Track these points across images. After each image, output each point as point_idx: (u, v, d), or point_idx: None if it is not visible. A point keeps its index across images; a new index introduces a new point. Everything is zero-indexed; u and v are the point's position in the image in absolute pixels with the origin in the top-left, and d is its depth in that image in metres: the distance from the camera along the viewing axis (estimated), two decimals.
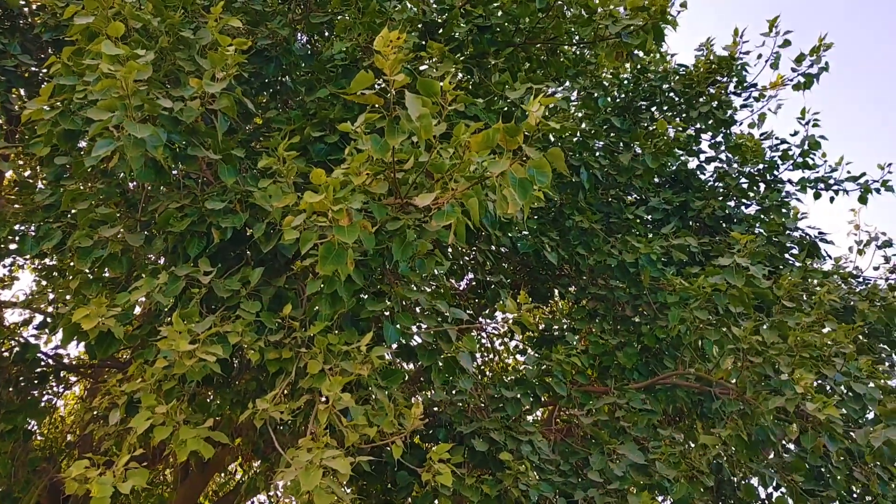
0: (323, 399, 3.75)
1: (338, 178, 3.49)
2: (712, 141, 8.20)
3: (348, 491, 6.79)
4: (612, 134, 7.16)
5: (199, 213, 4.51)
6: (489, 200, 3.35)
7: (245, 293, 4.33)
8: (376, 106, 3.72)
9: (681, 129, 6.63)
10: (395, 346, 4.50)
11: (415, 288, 4.34)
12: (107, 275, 4.96)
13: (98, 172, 5.11)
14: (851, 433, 4.68)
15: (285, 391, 4.09)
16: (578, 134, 6.63)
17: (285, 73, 6.14)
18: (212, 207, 4.39)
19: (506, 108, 5.77)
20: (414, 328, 4.47)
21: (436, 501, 5.68)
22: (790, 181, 7.96)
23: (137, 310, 5.63)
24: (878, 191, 7.89)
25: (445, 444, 3.95)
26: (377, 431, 3.82)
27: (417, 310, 4.57)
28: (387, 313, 4.37)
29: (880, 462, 4.73)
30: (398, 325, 4.21)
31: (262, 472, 7.60)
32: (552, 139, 7.12)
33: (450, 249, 6.84)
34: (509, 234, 6.17)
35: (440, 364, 4.35)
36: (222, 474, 9.40)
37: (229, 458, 7.39)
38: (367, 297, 4.30)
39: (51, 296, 7.05)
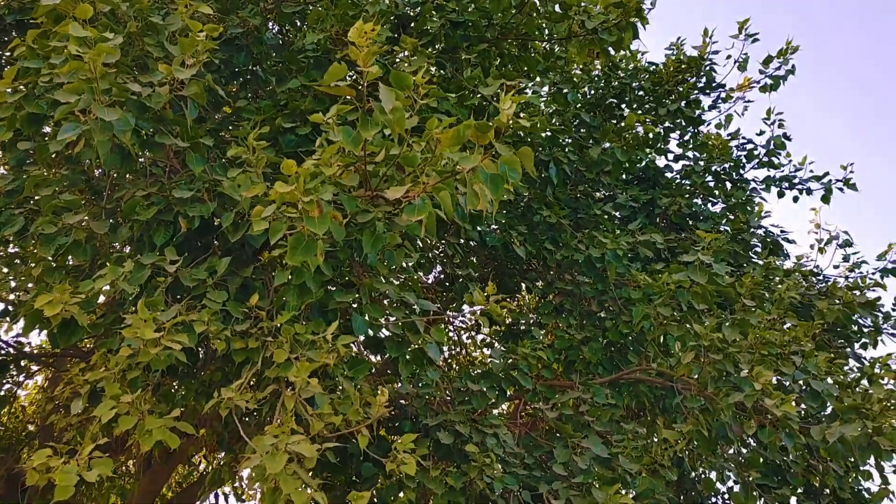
0: (289, 387, 3.75)
1: (309, 168, 3.48)
2: (680, 140, 8.31)
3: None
4: (581, 130, 7.23)
5: (165, 202, 4.47)
6: (460, 195, 3.36)
7: (212, 283, 4.30)
8: (349, 98, 3.72)
9: (650, 122, 6.70)
10: (363, 337, 4.51)
11: (383, 280, 4.34)
12: (70, 262, 4.89)
13: (63, 158, 5.03)
14: (808, 429, 4.79)
15: (251, 381, 4.08)
16: (548, 130, 6.68)
17: (256, 62, 6.09)
18: (179, 196, 4.35)
19: (478, 104, 5.79)
20: (382, 320, 4.47)
21: (401, 494, 5.71)
22: (755, 180, 8.10)
23: (102, 298, 5.56)
24: (841, 190, 8.06)
25: (411, 434, 3.97)
26: (343, 420, 3.83)
27: (386, 301, 4.58)
28: (355, 305, 4.38)
29: (834, 458, 4.85)
30: (366, 317, 4.22)
31: (226, 464, 7.55)
32: (521, 135, 7.16)
33: (419, 242, 6.85)
34: (478, 228, 6.20)
35: (408, 356, 4.37)
36: (186, 465, 9.32)
37: (193, 449, 7.34)
38: (335, 288, 4.30)
39: (12, 283, 6.93)
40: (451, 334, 8.43)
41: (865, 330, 8.15)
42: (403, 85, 3.38)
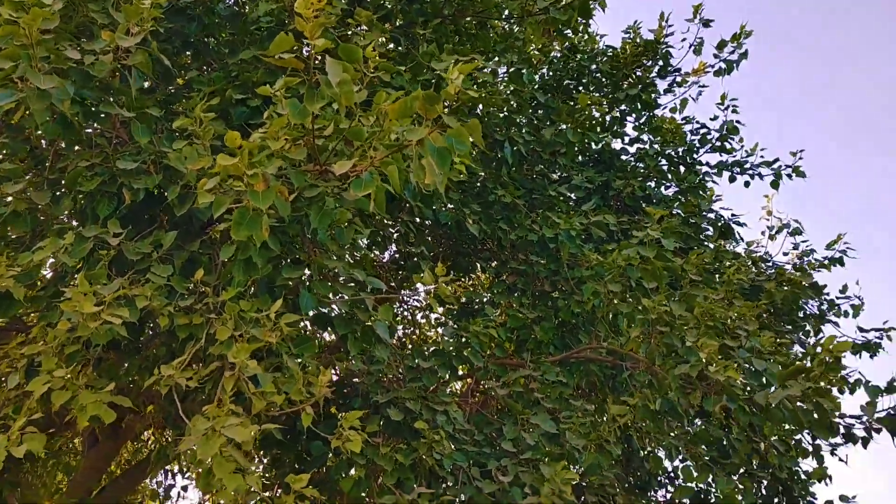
0: (232, 365, 3.70)
1: (255, 141, 3.42)
2: (636, 123, 8.37)
3: (264, 462, 6.74)
4: (539, 111, 7.23)
5: (110, 173, 4.35)
6: (409, 171, 3.33)
7: (156, 256, 4.22)
8: (296, 70, 3.65)
9: (602, 104, 6.73)
10: (312, 313, 4.47)
11: (333, 257, 4.30)
12: (10, 234, 4.76)
13: (3, 126, 4.87)
14: (752, 396, 4.88)
15: (198, 358, 4.03)
16: (505, 109, 6.67)
17: (208, 33, 5.95)
18: (124, 167, 4.24)
19: (433, 80, 5.75)
20: (332, 297, 4.44)
21: (352, 471, 5.72)
22: (708, 164, 8.20)
23: (49, 272, 5.42)
24: (789, 176, 8.19)
25: (357, 412, 3.96)
26: (285, 400, 3.80)
27: (335, 279, 4.54)
28: (304, 281, 4.34)
29: (775, 424, 4.96)
30: (315, 294, 4.18)
31: (172, 441, 7.47)
32: (479, 113, 7.14)
33: (375, 220, 6.81)
34: (433, 207, 6.18)
35: (357, 334, 4.34)
36: (135, 443, 9.20)
37: (140, 426, 7.24)
38: (283, 264, 4.25)
39: None
40: (405, 313, 8.43)
41: (811, 317, 8.37)
42: (352, 58, 3.33)
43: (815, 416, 4.88)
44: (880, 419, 5.43)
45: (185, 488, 7.16)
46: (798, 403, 4.87)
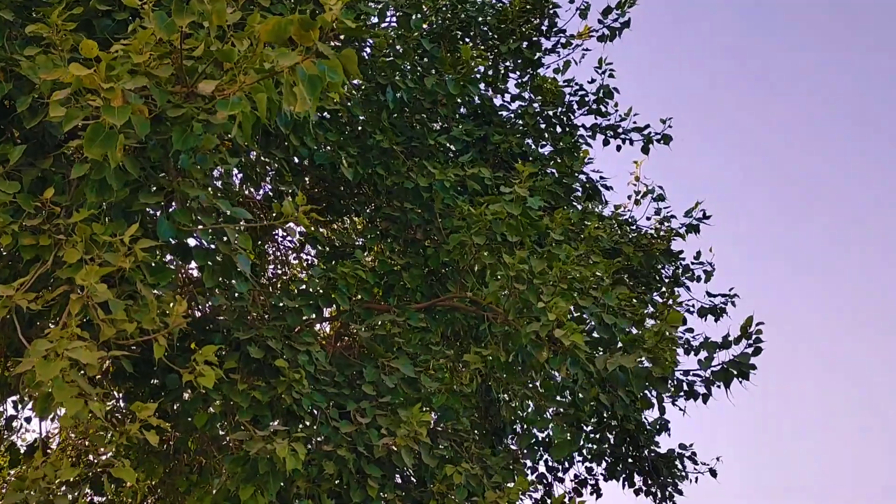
0: (79, 290, 3.54)
1: (115, 53, 3.23)
2: (519, 80, 8.48)
3: (117, 395, 6.52)
4: (424, 59, 7.19)
5: None
6: (280, 99, 3.24)
7: (2, 172, 3.95)
8: None
9: (483, 57, 6.78)
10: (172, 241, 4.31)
11: (196, 184, 4.15)
12: None
13: None
14: (594, 360, 5.15)
15: (43, 283, 3.82)
16: (390, 53, 6.59)
17: None
18: None
19: (317, 12, 5.59)
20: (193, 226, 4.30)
21: (210, 409, 5.63)
22: (584, 126, 8.44)
23: None
24: (659, 142, 8.56)
25: (212, 346, 3.89)
26: (137, 328, 3.68)
27: (197, 207, 4.38)
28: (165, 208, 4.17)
29: (617, 386, 5.28)
30: (174, 221, 4.03)
31: (12, 366, 7.07)
32: (364, 55, 7.03)
33: (246, 154, 6.62)
34: (309, 146, 6.06)
35: (215, 265, 4.24)
36: None
37: None
38: (142, 188, 4.07)
39: None
40: (277, 253, 8.30)
41: (666, 280, 8.88)
42: None
43: (651, 377, 5.23)
44: (714, 373, 5.89)
45: (28, 420, 6.83)
46: (636, 364, 5.20)
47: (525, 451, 7.97)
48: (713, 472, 8.27)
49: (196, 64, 3.47)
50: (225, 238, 4.20)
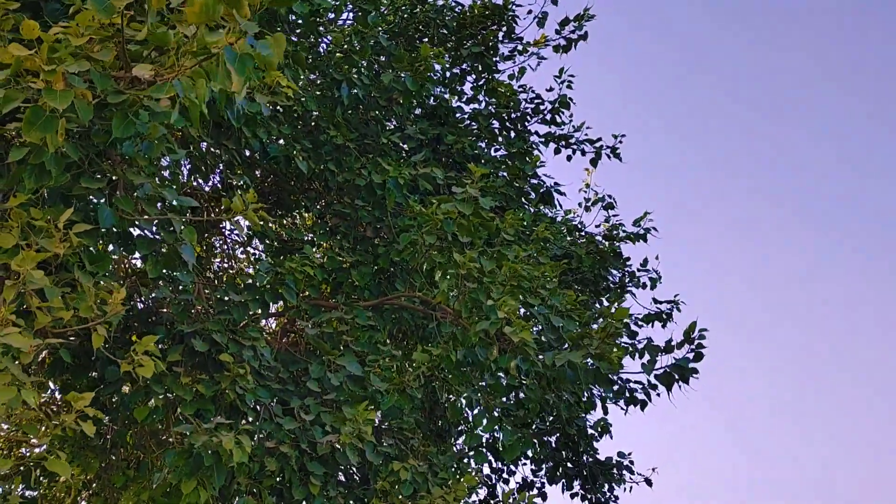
0: (14, 276, 3.45)
1: (55, 34, 3.15)
2: (475, 83, 8.53)
3: (53, 387, 6.35)
4: (381, 57, 7.17)
5: None
6: (216, 84, 3.19)
7: None
8: None
9: (441, 56, 6.79)
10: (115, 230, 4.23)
11: (142, 173, 4.08)
12: None
13: None
14: (541, 356, 5.20)
15: None
16: (345, 47, 6.56)
17: None
18: None
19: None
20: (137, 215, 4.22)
21: (151, 402, 5.52)
22: (537, 133, 8.53)
23: None
24: (609, 156, 8.71)
25: (152, 336, 3.82)
26: (74, 317, 3.60)
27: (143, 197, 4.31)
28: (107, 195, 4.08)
29: (563, 384, 5.33)
30: (117, 209, 3.95)
31: None
32: (321, 51, 6.99)
33: (204, 147, 6.53)
34: (261, 138, 6.00)
35: (159, 255, 4.17)
36: None
37: None
38: (83, 174, 3.98)
39: None
40: (224, 246, 8.18)
41: (613, 286, 9.01)
42: None
43: (598, 374, 5.30)
44: (657, 376, 5.98)
45: None
46: (585, 360, 5.27)
47: (471, 451, 8.00)
48: (649, 482, 8.43)
49: (141, 49, 3.41)
50: (170, 228, 4.14)
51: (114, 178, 4.17)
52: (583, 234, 8.87)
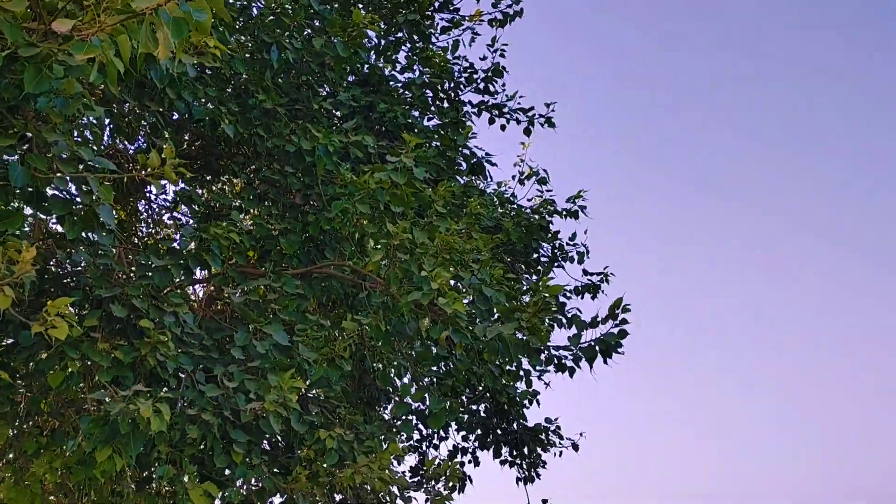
0: None
1: None
2: (409, 52, 8.45)
3: None
4: (314, 21, 7.02)
5: None
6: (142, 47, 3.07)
7: None
8: None
9: (378, 24, 6.70)
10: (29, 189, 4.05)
11: (57, 131, 3.90)
12: None
13: None
14: (473, 329, 5.24)
15: None
16: (276, 8, 6.39)
17: None
18: None
19: None
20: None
21: (67, 369, 5.34)
22: (470, 103, 8.52)
23: None
24: (542, 125, 8.76)
25: (66, 298, 3.69)
26: None
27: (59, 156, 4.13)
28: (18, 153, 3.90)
29: (492, 356, 5.39)
30: (29, 167, 3.78)
31: None
32: (253, 15, 6.79)
33: (127, 108, 6.29)
34: (186, 100, 5.81)
35: (76, 216, 4.02)
36: None
37: None
38: None
39: None
40: (149, 211, 7.95)
41: (544, 260, 9.13)
42: None
43: (527, 347, 5.39)
44: (582, 349, 6.11)
45: None
46: (514, 333, 5.34)
47: (399, 420, 8.05)
48: (575, 447, 8.64)
49: (56, 0, 3.24)
50: (86, 188, 3.98)
51: (27, 134, 3.99)
52: (514, 206, 8.94)
